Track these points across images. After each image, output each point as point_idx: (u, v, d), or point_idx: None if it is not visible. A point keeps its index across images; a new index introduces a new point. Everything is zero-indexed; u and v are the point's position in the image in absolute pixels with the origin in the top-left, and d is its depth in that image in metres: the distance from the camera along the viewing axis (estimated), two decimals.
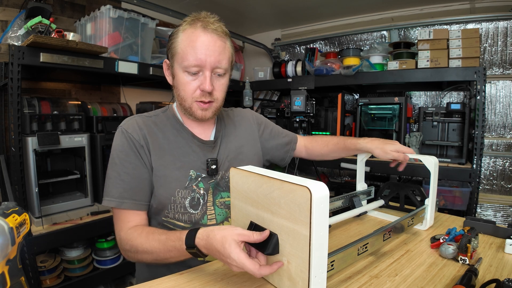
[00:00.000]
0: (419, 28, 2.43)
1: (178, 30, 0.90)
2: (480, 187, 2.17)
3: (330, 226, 0.91)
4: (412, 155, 1.07)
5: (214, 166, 0.96)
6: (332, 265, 0.65)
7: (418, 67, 1.98)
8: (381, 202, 1.21)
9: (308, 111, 2.26)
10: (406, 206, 1.21)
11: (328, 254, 0.61)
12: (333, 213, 1.05)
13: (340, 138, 1.22)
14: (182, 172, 0.93)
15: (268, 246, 0.64)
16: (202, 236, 0.68)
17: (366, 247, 0.75)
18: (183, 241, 0.71)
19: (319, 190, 0.55)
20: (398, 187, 1.20)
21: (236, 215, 0.79)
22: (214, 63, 0.87)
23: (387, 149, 1.07)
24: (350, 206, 1.10)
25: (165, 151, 0.93)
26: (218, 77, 0.91)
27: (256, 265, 0.61)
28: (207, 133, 1.01)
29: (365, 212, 1.17)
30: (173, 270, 0.78)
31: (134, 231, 0.84)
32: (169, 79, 0.96)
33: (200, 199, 0.94)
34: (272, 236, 0.64)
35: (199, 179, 0.94)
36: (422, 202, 1.07)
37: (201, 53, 0.85)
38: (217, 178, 0.98)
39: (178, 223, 0.92)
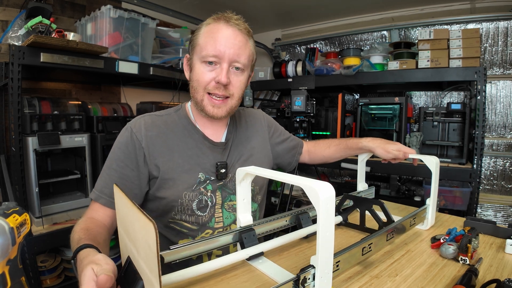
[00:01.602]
0: (420, 28, 2.43)
1: (201, 25, 0.90)
2: (481, 187, 2.16)
3: (262, 253, 0.79)
4: (413, 155, 1.08)
5: (223, 170, 0.94)
6: (337, 265, 0.65)
7: (419, 67, 1.98)
8: (338, 218, 1.03)
9: (309, 111, 2.26)
10: (367, 226, 0.98)
11: (334, 254, 0.60)
12: (275, 233, 0.90)
13: (341, 140, 1.23)
14: (190, 174, 0.91)
15: None
16: (89, 251, 0.61)
17: (370, 247, 0.75)
18: (79, 246, 0.64)
19: (326, 190, 0.55)
20: (358, 202, 1.00)
21: (121, 244, 0.63)
22: (232, 56, 0.85)
23: (389, 148, 1.07)
24: (297, 226, 0.92)
25: (174, 152, 0.91)
26: (236, 72, 0.89)
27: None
28: (218, 134, 0.99)
29: (314, 233, 0.89)
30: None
31: (85, 220, 0.81)
32: (186, 74, 0.95)
33: (208, 202, 0.93)
34: (138, 282, 0.50)
35: (208, 182, 0.93)
36: (387, 222, 0.89)
37: (220, 44, 0.84)
38: (225, 181, 0.96)
39: (185, 224, 0.91)
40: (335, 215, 0.95)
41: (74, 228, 0.78)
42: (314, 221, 0.93)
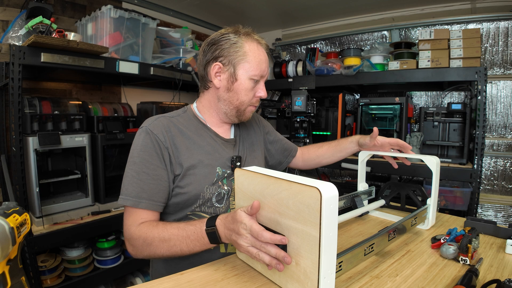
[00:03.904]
0: (420, 28, 2.42)
1: (237, 41, 0.96)
2: (481, 187, 2.16)
3: None
4: (411, 155, 1.09)
5: (239, 163, 1.01)
6: (340, 266, 0.65)
7: (419, 67, 1.98)
8: (382, 202, 1.22)
9: (309, 111, 2.26)
10: (407, 206, 1.21)
11: (337, 254, 0.61)
12: None
13: (333, 140, 1.31)
14: (210, 169, 0.97)
15: None
16: (222, 216, 0.75)
17: (372, 248, 0.75)
18: (204, 222, 0.77)
19: (329, 190, 0.55)
20: (399, 187, 1.20)
21: None
22: (267, 75, 1.04)
23: (367, 137, 1.16)
24: (352, 206, 1.10)
25: (193, 150, 0.96)
26: None
27: (262, 227, 0.65)
28: (227, 132, 1.08)
29: (367, 212, 1.17)
30: (184, 267, 0.79)
31: (149, 224, 0.86)
32: (219, 82, 0.99)
33: (225, 194, 0.99)
34: None
35: (225, 175, 0.99)
36: (423, 202, 1.08)
37: (264, 66, 1.00)
38: None
39: (203, 214, 0.96)
40: (378, 199, 1.22)
41: (152, 234, 0.82)
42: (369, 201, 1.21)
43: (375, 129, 1.11)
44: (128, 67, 1.83)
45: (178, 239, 0.80)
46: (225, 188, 0.99)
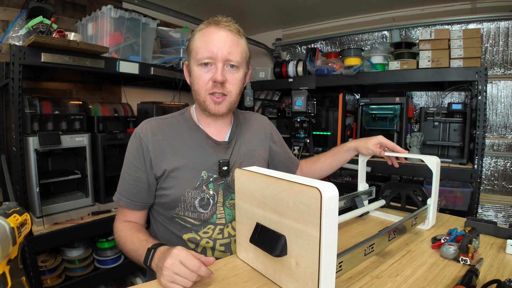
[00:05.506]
0: (420, 28, 2.42)
1: (195, 32, 0.96)
2: (481, 188, 2.16)
3: None
4: (408, 154, 1.09)
5: (225, 168, 0.98)
6: (340, 266, 0.66)
7: (419, 67, 1.97)
8: (382, 202, 1.22)
9: (309, 111, 2.26)
10: (407, 206, 1.21)
11: (337, 255, 0.61)
12: None
13: (328, 151, 1.26)
14: (194, 173, 0.95)
15: (276, 248, 0.64)
16: (166, 247, 0.74)
17: (372, 248, 0.75)
18: (151, 243, 0.79)
19: (329, 190, 0.55)
20: (399, 187, 1.20)
21: (241, 216, 0.79)
22: (225, 55, 0.90)
23: (368, 144, 1.11)
24: (352, 206, 1.10)
25: (179, 153, 0.96)
26: (231, 70, 0.94)
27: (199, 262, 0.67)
28: (222, 134, 1.04)
29: (367, 212, 1.17)
30: None
31: (127, 224, 0.95)
32: (188, 79, 1.00)
33: (210, 200, 0.96)
34: (280, 237, 0.64)
35: (210, 180, 0.97)
36: (423, 202, 1.08)
37: (213, 45, 0.89)
38: (227, 180, 0.99)
39: (188, 219, 0.96)
40: (379, 199, 1.22)
41: (123, 234, 0.91)
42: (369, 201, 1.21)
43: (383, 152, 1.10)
44: (128, 67, 1.83)
45: (132, 249, 0.85)
46: (211, 192, 0.96)
